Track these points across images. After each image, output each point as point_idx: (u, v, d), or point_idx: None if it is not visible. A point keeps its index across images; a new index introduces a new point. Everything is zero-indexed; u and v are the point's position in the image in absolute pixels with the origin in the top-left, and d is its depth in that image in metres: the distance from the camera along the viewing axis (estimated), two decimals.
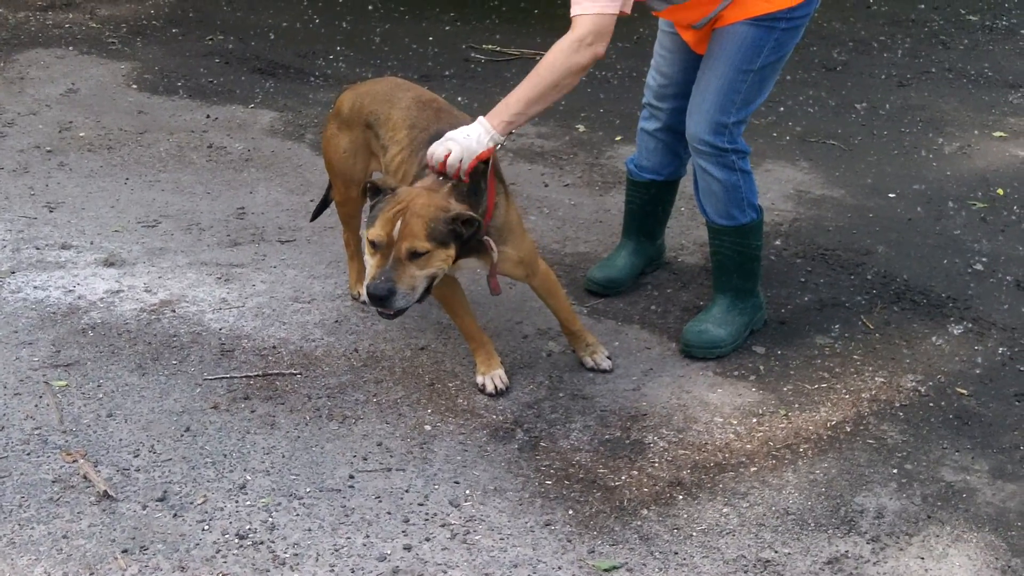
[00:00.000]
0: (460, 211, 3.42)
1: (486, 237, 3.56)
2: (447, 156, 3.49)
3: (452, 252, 3.44)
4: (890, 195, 5.47)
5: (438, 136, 3.61)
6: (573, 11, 3.58)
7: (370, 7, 8.54)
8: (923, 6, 8.57)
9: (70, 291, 4.43)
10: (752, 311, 4.22)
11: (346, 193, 4.20)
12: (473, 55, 7.44)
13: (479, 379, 3.90)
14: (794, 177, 5.66)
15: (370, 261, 3.43)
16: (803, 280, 4.65)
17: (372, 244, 3.41)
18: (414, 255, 3.37)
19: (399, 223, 3.36)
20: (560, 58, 3.56)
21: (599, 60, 3.64)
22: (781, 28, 3.84)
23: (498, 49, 7.51)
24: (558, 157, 5.89)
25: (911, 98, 6.75)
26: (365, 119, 3.99)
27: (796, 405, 3.86)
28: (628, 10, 3.61)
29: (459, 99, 6.57)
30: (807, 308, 4.45)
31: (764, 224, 4.24)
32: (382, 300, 3.37)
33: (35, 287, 4.45)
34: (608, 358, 4.04)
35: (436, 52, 7.50)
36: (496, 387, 3.88)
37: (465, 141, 3.51)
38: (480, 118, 3.58)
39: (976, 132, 6.24)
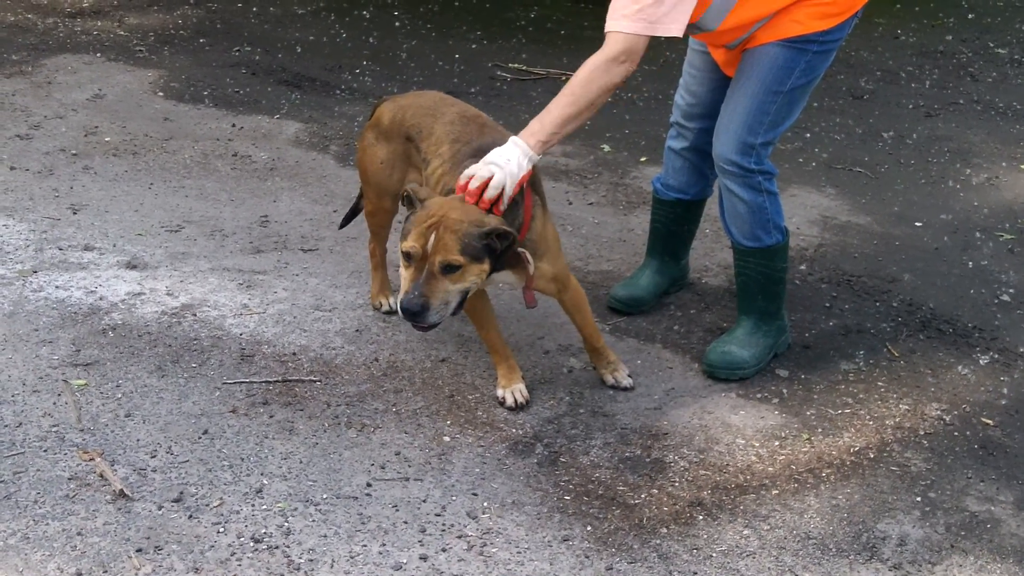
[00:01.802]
0: (495, 225, 3.39)
1: (522, 250, 3.53)
2: (490, 179, 3.43)
3: (486, 267, 3.41)
4: (916, 224, 5.43)
5: (480, 150, 3.58)
6: (608, 26, 3.54)
7: (397, 23, 8.54)
8: (951, 38, 8.55)
9: (92, 292, 4.41)
10: (776, 334, 4.18)
11: (378, 203, 4.18)
12: (499, 73, 7.43)
13: (500, 392, 3.87)
14: (820, 203, 5.63)
15: (403, 274, 3.41)
16: (828, 305, 4.62)
17: (406, 256, 3.39)
18: (447, 269, 3.35)
19: (433, 236, 3.33)
20: (594, 76, 3.53)
21: (631, 75, 3.61)
22: (813, 51, 3.81)
23: (524, 68, 7.50)
24: (583, 176, 5.87)
25: (938, 129, 6.71)
26: (406, 132, 3.97)
27: (819, 430, 3.82)
28: (680, 34, 3.57)
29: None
30: (832, 333, 4.41)
31: (789, 248, 4.21)
32: (415, 315, 3.35)
33: (57, 287, 4.44)
34: (629, 376, 4.01)
35: (462, 70, 7.50)
36: (516, 401, 3.85)
37: (507, 166, 3.45)
38: (513, 139, 3.53)
39: (1004, 164, 6.20)
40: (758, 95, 3.84)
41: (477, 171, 3.46)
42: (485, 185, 3.43)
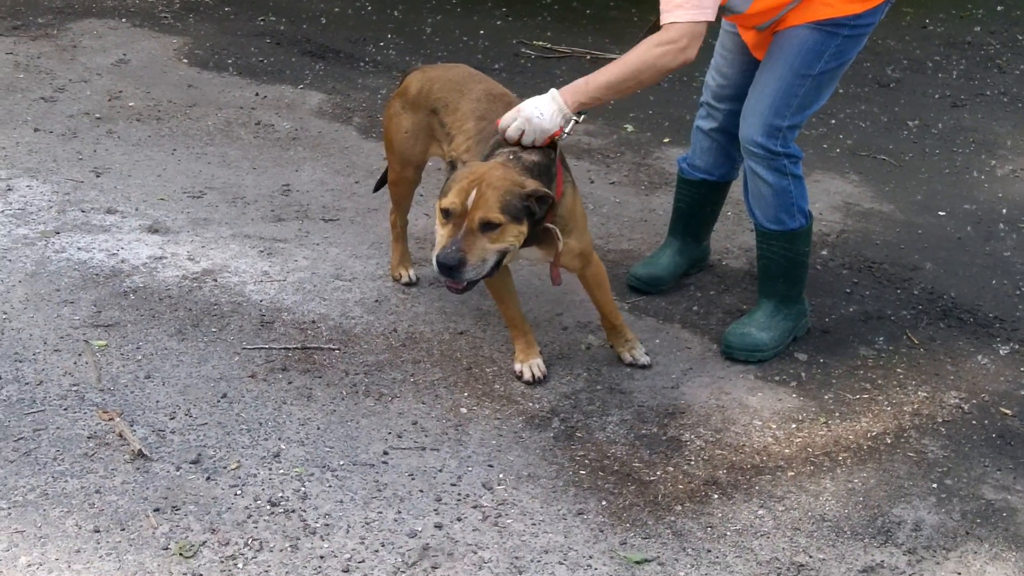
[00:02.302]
0: (536, 187, 3.38)
1: (551, 226, 3.52)
2: (521, 134, 3.51)
3: (524, 229, 3.39)
4: (940, 213, 5.41)
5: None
6: (664, 19, 3.54)
7: None
8: (979, 29, 8.50)
9: (113, 254, 4.42)
10: (796, 317, 4.18)
11: (401, 173, 4.18)
12: (524, 51, 7.42)
13: (517, 367, 3.88)
14: (843, 189, 5.61)
15: (440, 231, 3.39)
16: (848, 291, 4.61)
17: (444, 213, 3.37)
18: (487, 227, 3.33)
19: (474, 193, 3.31)
20: (652, 54, 3.53)
21: (686, 64, 3.59)
22: (844, 35, 3.79)
23: (549, 46, 7.47)
24: (605, 155, 5.86)
25: (964, 119, 6.68)
26: (432, 104, 3.97)
27: (837, 414, 3.82)
28: (713, 18, 3.57)
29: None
30: (852, 319, 4.40)
31: (812, 233, 4.19)
32: (451, 270, 3.31)
33: (79, 248, 4.45)
34: (647, 354, 4.01)
35: (487, 46, 7.48)
36: (534, 375, 3.85)
37: (538, 121, 3.50)
38: (553, 92, 3.56)
39: None
40: (786, 78, 3.83)
41: (509, 124, 3.52)
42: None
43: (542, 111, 3.51)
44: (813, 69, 3.82)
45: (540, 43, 7.57)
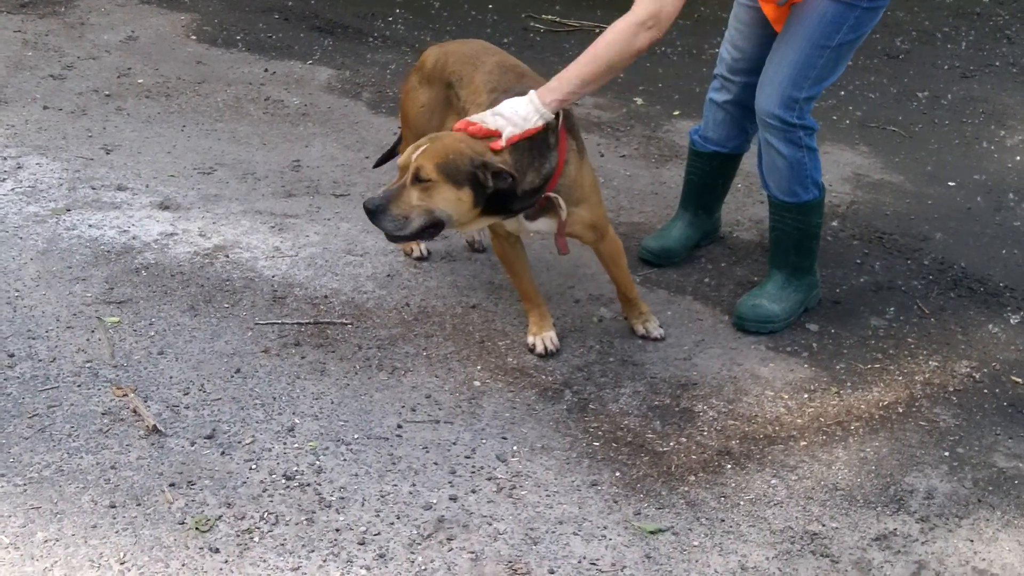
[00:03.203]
0: (491, 161, 3.36)
1: (554, 195, 3.52)
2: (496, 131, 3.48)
3: (465, 197, 3.35)
4: (950, 184, 5.40)
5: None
6: None
7: None
8: (988, 0, 8.47)
9: (125, 231, 4.43)
10: (807, 289, 4.18)
11: None
12: (532, 24, 7.41)
13: (530, 339, 3.88)
14: (853, 160, 5.60)
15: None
16: (859, 262, 4.61)
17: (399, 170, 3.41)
18: (417, 180, 3.33)
19: (415, 152, 3.35)
20: (619, 39, 3.50)
21: (656, 42, 3.58)
22: (863, 7, 3.78)
23: (558, 20, 7.46)
24: (615, 128, 5.85)
25: (974, 90, 6.66)
26: (447, 78, 3.96)
27: (848, 384, 3.82)
28: None
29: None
30: (862, 289, 4.40)
31: (824, 205, 4.19)
32: (370, 214, 3.35)
33: (90, 225, 4.46)
34: (660, 327, 4.02)
35: (495, 20, 7.46)
36: (546, 348, 3.86)
37: (513, 118, 3.45)
38: (532, 93, 3.50)
39: None
40: (805, 49, 3.82)
41: (483, 120, 3.46)
42: (486, 133, 3.45)
43: (517, 110, 3.45)
44: (832, 41, 3.80)
45: (549, 17, 7.56)
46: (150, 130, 5.42)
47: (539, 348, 3.86)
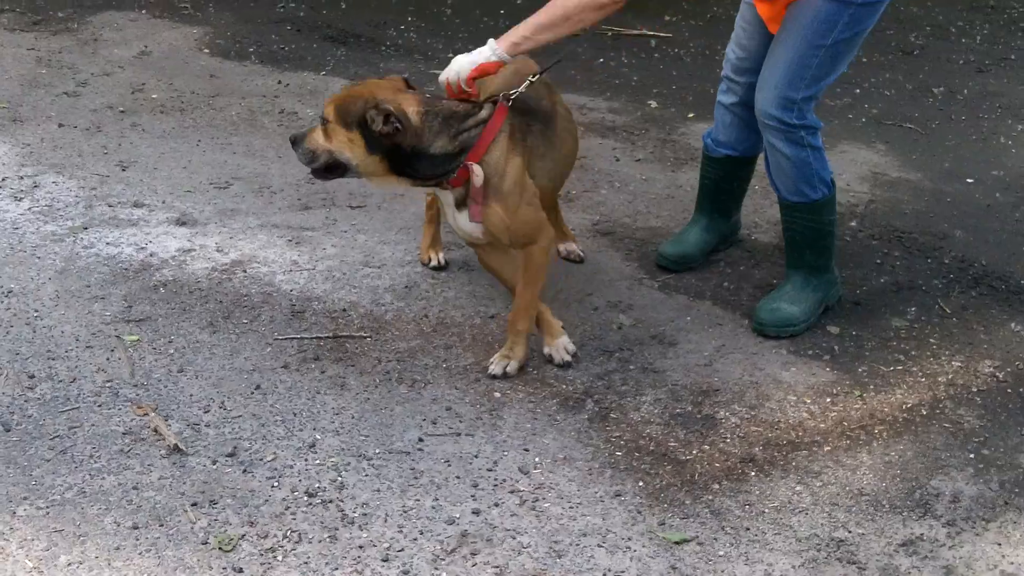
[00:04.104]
0: (381, 99, 3.47)
1: (471, 163, 3.53)
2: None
3: (356, 139, 3.49)
4: (968, 180, 5.37)
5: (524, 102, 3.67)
6: None
7: None
8: None
9: (142, 248, 4.43)
10: (826, 287, 4.16)
11: None
12: None
13: (546, 350, 3.86)
14: (870, 159, 5.58)
15: None
16: (879, 262, 4.58)
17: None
18: (322, 121, 3.56)
19: (329, 101, 3.58)
20: None
21: (619, 9, 3.65)
22: (857, 3, 3.75)
23: None
24: (630, 132, 5.84)
25: (990, 84, 6.63)
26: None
27: (871, 386, 3.80)
28: None
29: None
30: (883, 290, 4.38)
31: (839, 204, 4.17)
32: (291, 143, 3.67)
33: (107, 243, 4.46)
34: (504, 374, 3.75)
35: (508, 25, 7.35)
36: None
37: (465, 57, 3.67)
38: (490, 40, 3.68)
39: None
40: (799, 49, 3.80)
41: (446, 74, 3.72)
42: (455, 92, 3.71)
43: (471, 51, 3.68)
44: (827, 39, 3.78)
45: None
46: (165, 145, 5.42)
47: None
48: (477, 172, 3.53)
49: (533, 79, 3.71)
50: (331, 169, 3.60)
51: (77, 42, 6.82)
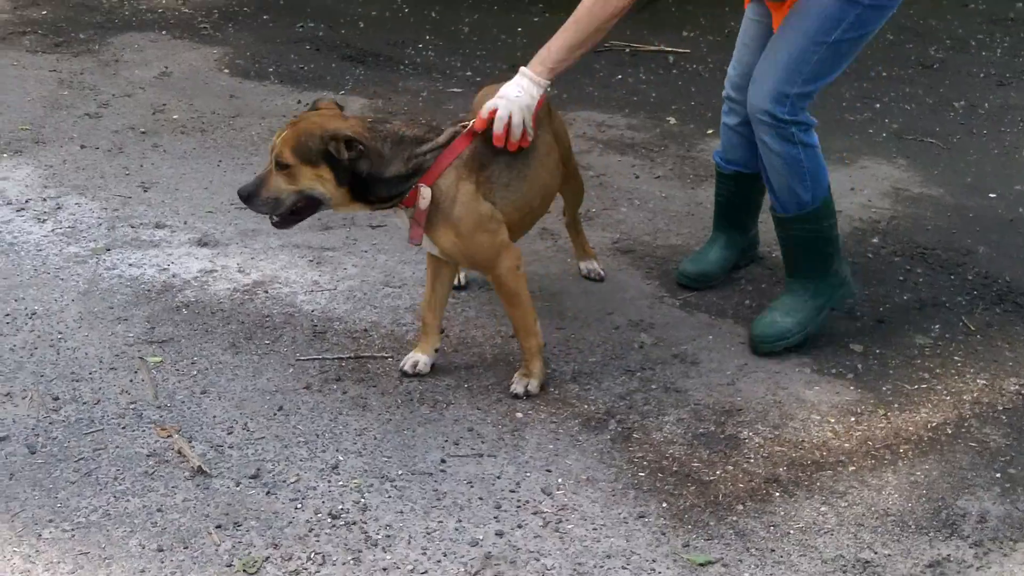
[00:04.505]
0: (336, 129, 3.40)
1: (421, 184, 3.51)
2: (492, 112, 3.56)
3: (324, 173, 3.42)
4: (991, 195, 5.35)
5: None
6: None
7: None
8: (1021, 4, 8.41)
9: (164, 269, 4.45)
10: (828, 291, 4.08)
11: None
12: None
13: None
14: (891, 174, 5.56)
15: None
16: (901, 279, 4.56)
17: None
18: (280, 166, 3.43)
19: (279, 137, 3.43)
20: (597, 4, 3.56)
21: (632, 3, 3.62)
22: (865, 4, 3.70)
23: None
24: (649, 149, 5.83)
25: (1011, 97, 6.61)
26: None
27: (895, 405, 3.78)
28: None
29: (548, 90, 6.50)
30: (906, 307, 4.36)
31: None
32: (244, 199, 3.50)
33: (130, 264, 4.48)
34: (532, 388, 3.76)
35: (525, 43, 7.46)
36: (404, 368, 3.84)
37: (518, 100, 3.56)
38: (522, 69, 3.61)
39: None
40: (800, 43, 3.75)
41: (488, 105, 3.57)
42: (492, 118, 3.57)
43: (519, 90, 3.57)
44: (829, 36, 3.73)
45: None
46: (186, 166, 5.44)
47: (404, 366, 3.84)
48: (424, 194, 3.51)
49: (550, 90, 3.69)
50: (298, 212, 3.51)
51: (98, 63, 6.85)
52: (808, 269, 4.07)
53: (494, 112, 3.55)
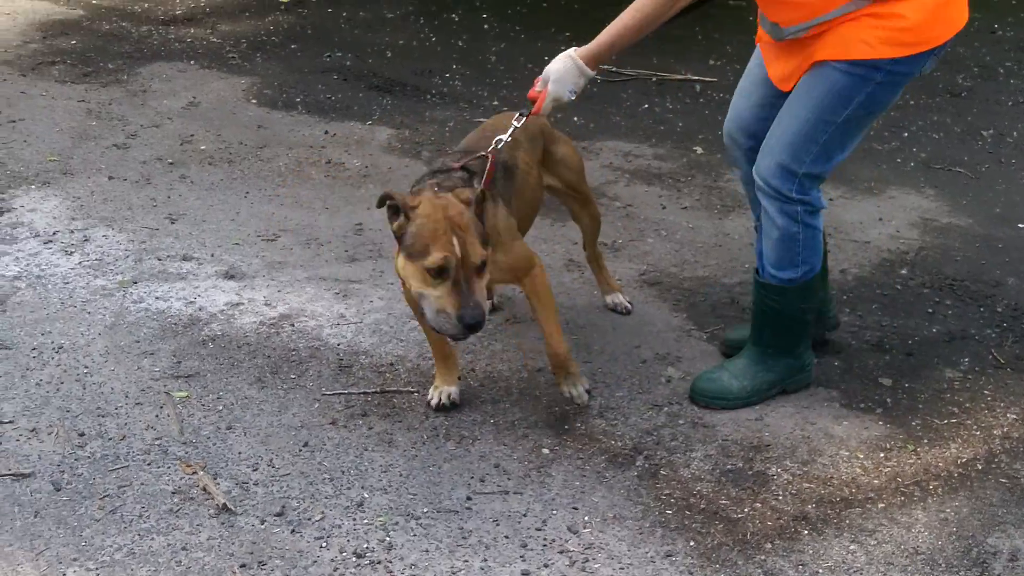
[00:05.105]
0: (469, 194, 3.41)
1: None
2: (540, 88, 3.73)
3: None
4: (1020, 225, 5.32)
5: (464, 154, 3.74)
6: None
7: (486, 26, 8.54)
8: None
9: (191, 302, 4.45)
10: (783, 371, 3.94)
11: None
12: None
13: (431, 392, 3.86)
14: (919, 204, 5.53)
15: (435, 292, 3.31)
16: (930, 311, 4.53)
17: (439, 271, 3.28)
18: (481, 267, 3.33)
19: (456, 240, 3.28)
20: None
21: None
22: (877, 81, 3.52)
23: (614, 69, 7.44)
24: (676, 179, 5.82)
25: None
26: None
27: (925, 440, 3.75)
28: None
29: (574, 119, 6.52)
30: (935, 340, 4.33)
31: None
32: (481, 326, 3.30)
33: (157, 297, 4.48)
34: (588, 392, 3.85)
35: None
36: (440, 401, 3.82)
37: (557, 85, 3.69)
38: (572, 53, 3.69)
39: None
40: (809, 120, 3.59)
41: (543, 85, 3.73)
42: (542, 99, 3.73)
43: (563, 75, 3.68)
44: (838, 116, 3.56)
45: (605, 66, 7.54)
46: (213, 197, 5.45)
47: (434, 401, 3.82)
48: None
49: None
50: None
51: (127, 93, 6.88)
52: (771, 341, 3.92)
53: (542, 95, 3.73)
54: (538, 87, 3.76)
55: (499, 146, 3.69)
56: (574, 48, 3.70)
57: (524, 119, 3.76)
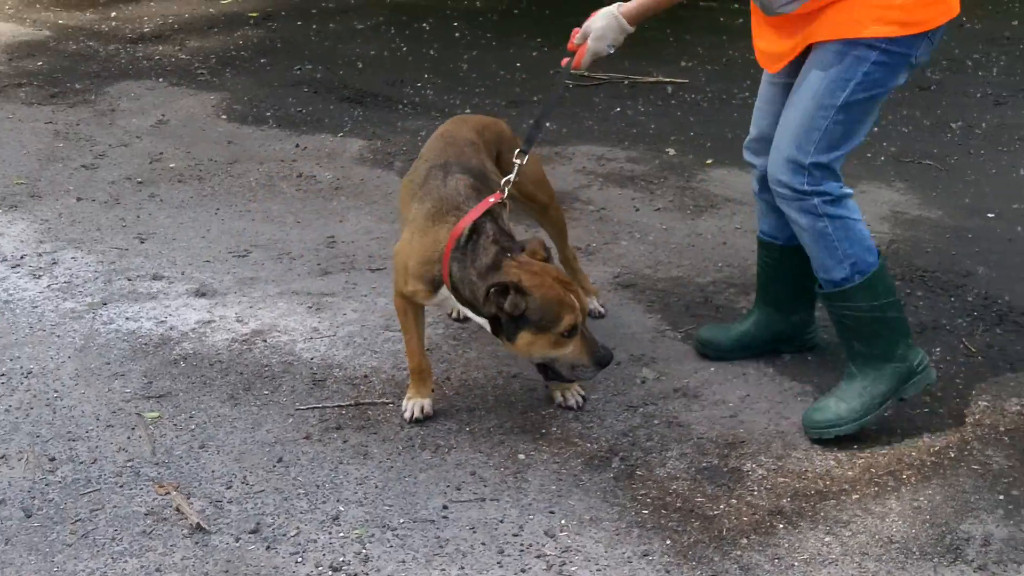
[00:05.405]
0: (539, 248, 3.65)
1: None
2: (578, 42, 3.93)
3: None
4: (989, 215, 5.33)
5: (443, 168, 3.81)
6: None
7: (457, 34, 8.55)
8: (1017, 23, 8.41)
9: (162, 322, 4.44)
10: (891, 379, 3.72)
11: None
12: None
13: (404, 403, 3.85)
14: (890, 198, 5.55)
15: (565, 351, 3.54)
16: (902, 303, 4.53)
17: (572, 330, 3.50)
18: (576, 331, 3.55)
19: (575, 299, 3.52)
20: None
21: None
22: (872, 60, 3.46)
23: (586, 74, 7.44)
24: (648, 181, 5.83)
25: (1008, 116, 6.60)
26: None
27: (898, 430, 3.75)
28: None
29: (548, 125, 6.51)
30: None
31: (880, 281, 3.83)
32: (612, 359, 3.63)
33: (127, 318, 4.47)
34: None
35: (524, 78, 7.48)
36: (414, 415, 3.82)
37: (598, 42, 3.86)
38: (615, 10, 3.78)
39: None
40: (808, 109, 3.55)
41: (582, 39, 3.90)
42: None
43: (604, 33, 3.81)
44: (837, 99, 3.50)
45: (576, 71, 7.53)
46: (184, 215, 5.44)
47: (407, 414, 3.82)
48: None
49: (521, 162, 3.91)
50: None
51: (95, 113, 6.87)
52: (863, 352, 3.72)
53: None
54: (576, 40, 3.91)
55: (506, 188, 3.78)
56: (617, 4, 3.76)
57: (570, 63, 3.99)
